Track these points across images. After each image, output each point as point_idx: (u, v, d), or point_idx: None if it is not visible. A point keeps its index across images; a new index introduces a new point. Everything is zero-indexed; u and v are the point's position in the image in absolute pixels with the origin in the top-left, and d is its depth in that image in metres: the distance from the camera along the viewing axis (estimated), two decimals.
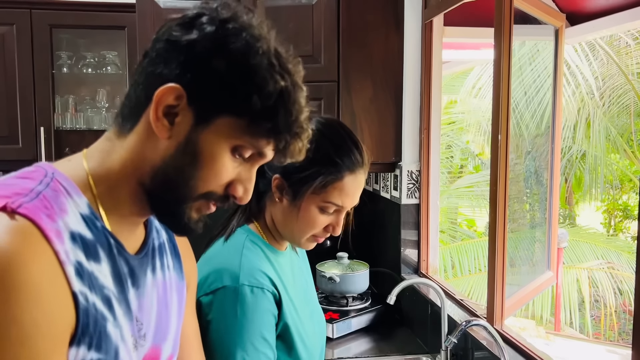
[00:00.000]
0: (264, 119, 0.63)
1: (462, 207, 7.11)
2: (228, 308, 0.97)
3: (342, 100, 2.10)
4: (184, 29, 0.63)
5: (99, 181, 0.65)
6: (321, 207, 1.03)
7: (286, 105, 0.63)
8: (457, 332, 1.45)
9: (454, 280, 5.66)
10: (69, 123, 2.45)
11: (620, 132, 7.16)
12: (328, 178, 1.01)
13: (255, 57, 0.62)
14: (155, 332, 0.73)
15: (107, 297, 0.63)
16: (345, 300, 2.16)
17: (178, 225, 0.68)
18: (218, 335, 0.97)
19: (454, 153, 7.64)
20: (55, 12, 2.31)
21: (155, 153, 0.64)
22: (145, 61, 0.66)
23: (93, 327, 0.59)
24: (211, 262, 1.04)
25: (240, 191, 0.68)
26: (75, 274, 0.58)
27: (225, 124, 0.63)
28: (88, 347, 0.59)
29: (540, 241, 2.37)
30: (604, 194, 8.12)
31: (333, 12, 2.07)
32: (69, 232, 0.60)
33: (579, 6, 2.25)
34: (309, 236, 1.06)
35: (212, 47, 0.62)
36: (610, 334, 6.78)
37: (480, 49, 3.59)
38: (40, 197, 0.59)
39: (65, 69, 2.44)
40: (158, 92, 0.62)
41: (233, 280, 0.98)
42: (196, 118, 0.63)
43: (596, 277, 6.05)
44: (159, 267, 0.75)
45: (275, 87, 0.62)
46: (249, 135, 0.64)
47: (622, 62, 6.89)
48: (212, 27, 0.63)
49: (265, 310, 0.99)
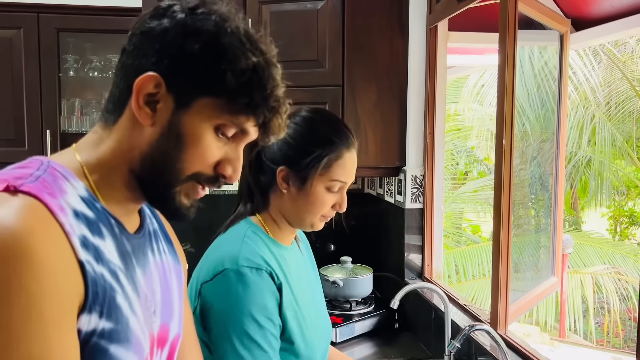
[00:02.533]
0: (240, 95, 0.65)
1: (467, 213, 7.10)
2: (230, 289, 1.00)
3: (347, 104, 2.10)
4: (156, 19, 0.66)
5: (92, 170, 0.68)
6: (328, 187, 1.10)
7: (260, 81, 0.66)
8: (461, 337, 1.45)
9: (457, 286, 5.64)
10: (74, 126, 2.46)
11: (625, 138, 7.13)
12: (331, 157, 1.09)
13: (225, 37, 0.65)
14: (162, 311, 0.75)
15: (114, 271, 0.64)
16: (349, 305, 2.15)
17: (170, 209, 0.70)
18: (221, 317, 1.00)
19: (458, 159, 7.63)
20: (62, 16, 2.33)
21: (141, 140, 0.67)
22: (123, 57, 0.68)
23: (102, 296, 0.61)
24: (213, 251, 1.09)
25: (229, 170, 0.70)
26: (81, 245, 0.60)
27: (205, 104, 0.66)
28: (99, 315, 0.60)
29: (545, 247, 2.36)
30: (610, 200, 8.08)
31: (338, 17, 2.08)
32: (72, 209, 0.61)
33: (584, 11, 2.25)
34: (320, 217, 1.12)
35: (183, 31, 0.65)
36: (615, 341, 6.74)
37: (485, 54, 3.58)
38: (40, 180, 0.61)
39: (71, 72, 2.46)
40: (137, 82, 0.64)
41: (233, 263, 1.01)
42: (176, 102, 0.66)
43: (601, 282, 6.01)
44: (156, 250, 0.77)
45: (247, 63, 0.65)
46: (228, 113, 0.66)
47: (626, 68, 6.87)
48: (182, 14, 0.66)
49: (267, 289, 1.02)
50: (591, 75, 6.65)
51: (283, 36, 2.09)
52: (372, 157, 2.13)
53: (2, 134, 2.30)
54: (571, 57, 5.59)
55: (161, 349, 0.74)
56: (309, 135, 1.10)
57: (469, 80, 7.00)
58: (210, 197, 2.61)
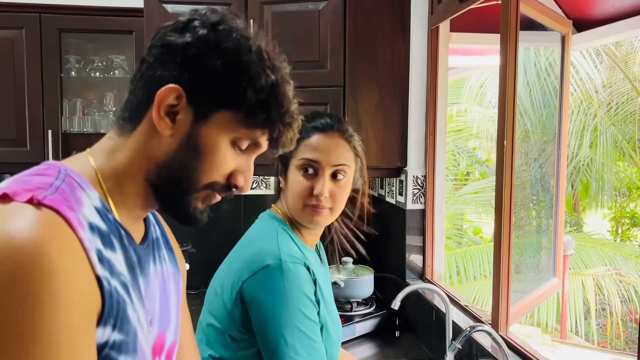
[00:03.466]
0: (258, 111, 0.68)
1: (468, 214, 7.09)
2: (275, 284, 1.01)
3: (348, 105, 2.10)
4: (178, 33, 0.68)
5: (106, 177, 0.69)
6: (300, 166, 1.11)
7: (277, 97, 0.69)
8: (462, 337, 1.45)
9: (459, 287, 5.63)
10: (76, 126, 2.47)
11: (627, 140, 7.12)
12: (299, 138, 1.10)
13: (246, 54, 0.67)
14: (160, 320, 0.76)
15: (124, 283, 0.66)
16: (350, 306, 2.15)
17: (185, 215, 0.72)
18: (270, 312, 1.00)
19: (459, 160, 7.62)
20: (64, 17, 2.33)
21: (159, 150, 0.68)
22: (143, 67, 0.70)
23: (116, 309, 0.63)
24: (248, 248, 1.10)
25: (242, 181, 0.72)
26: (98, 260, 0.62)
27: (224, 117, 0.68)
28: (112, 327, 0.62)
29: (546, 248, 2.36)
30: (611, 201, 8.07)
31: (339, 17, 2.08)
32: (87, 222, 0.63)
33: (585, 13, 2.25)
34: (303, 206, 1.11)
35: (206, 47, 0.67)
36: (617, 343, 6.72)
37: (486, 55, 3.59)
38: (59, 191, 0.62)
39: (73, 72, 2.46)
40: (159, 93, 0.66)
41: (275, 259, 1.02)
42: (196, 114, 0.68)
43: (602, 283, 6.00)
44: (157, 258, 0.79)
45: (267, 80, 0.67)
46: (246, 127, 0.69)
47: (628, 69, 6.87)
48: (205, 30, 0.68)
49: (308, 280, 1.05)
50: (593, 76, 6.64)
51: (285, 37, 2.09)
52: (373, 157, 2.13)
53: (4, 134, 2.31)
54: (573, 57, 5.58)
55: (158, 357, 0.76)
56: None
57: (469, 81, 7.00)
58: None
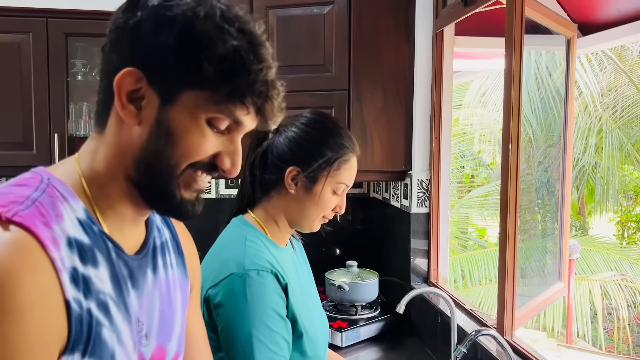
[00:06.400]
0: (222, 84, 0.61)
1: (473, 217, 7.07)
2: (237, 293, 1.00)
3: (353, 109, 2.11)
4: (129, 12, 0.63)
5: (90, 182, 0.66)
6: (334, 189, 1.14)
7: (243, 65, 0.61)
8: (467, 342, 1.44)
9: (464, 291, 5.61)
10: (82, 130, 2.48)
11: (632, 143, 7.09)
12: (341, 160, 1.13)
13: (198, 23, 0.60)
14: (159, 332, 0.73)
15: (104, 302, 0.63)
16: (354, 309, 2.15)
17: (174, 207, 0.67)
18: (231, 322, 1.00)
19: (464, 163, 7.61)
20: (70, 21, 2.34)
21: (131, 142, 0.64)
22: (102, 56, 0.66)
23: (87, 333, 0.60)
24: (216, 256, 1.09)
25: (227, 163, 0.66)
26: (70, 281, 0.58)
27: (191, 97, 0.62)
28: (82, 354, 0.59)
29: (552, 252, 2.35)
30: (617, 205, 8.03)
31: (344, 21, 2.08)
32: (66, 237, 0.60)
33: (591, 16, 2.25)
34: (321, 218, 1.17)
35: (155, 22, 0.61)
36: (623, 348, 6.68)
37: (491, 58, 3.58)
38: (35, 204, 0.59)
39: (79, 76, 2.48)
40: (116, 79, 0.61)
41: (239, 267, 1.02)
42: (161, 98, 0.62)
43: (609, 289, 5.96)
44: (161, 266, 0.75)
45: (226, 48, 0.60)
46: (214, 104, 0.62)
47: (632, 73, 6.84)
48: (154, 2, 0.62)
49: (274, 290, 1.03)
50: (598, 80, 6.62)
51: (289, 41, 2.10)
52: (378, 161, 2.13)
53: (11, 138, 2.32)
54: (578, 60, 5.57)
55: None
56: (321, 138, 1.12)
57: (472, 84, 7.00)
58: (215, 200, 2.62)
